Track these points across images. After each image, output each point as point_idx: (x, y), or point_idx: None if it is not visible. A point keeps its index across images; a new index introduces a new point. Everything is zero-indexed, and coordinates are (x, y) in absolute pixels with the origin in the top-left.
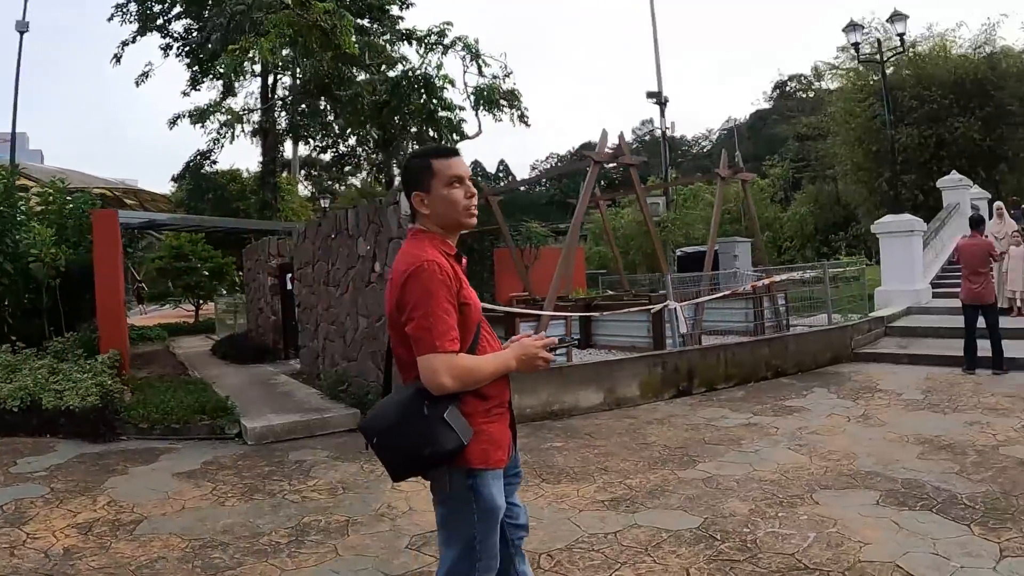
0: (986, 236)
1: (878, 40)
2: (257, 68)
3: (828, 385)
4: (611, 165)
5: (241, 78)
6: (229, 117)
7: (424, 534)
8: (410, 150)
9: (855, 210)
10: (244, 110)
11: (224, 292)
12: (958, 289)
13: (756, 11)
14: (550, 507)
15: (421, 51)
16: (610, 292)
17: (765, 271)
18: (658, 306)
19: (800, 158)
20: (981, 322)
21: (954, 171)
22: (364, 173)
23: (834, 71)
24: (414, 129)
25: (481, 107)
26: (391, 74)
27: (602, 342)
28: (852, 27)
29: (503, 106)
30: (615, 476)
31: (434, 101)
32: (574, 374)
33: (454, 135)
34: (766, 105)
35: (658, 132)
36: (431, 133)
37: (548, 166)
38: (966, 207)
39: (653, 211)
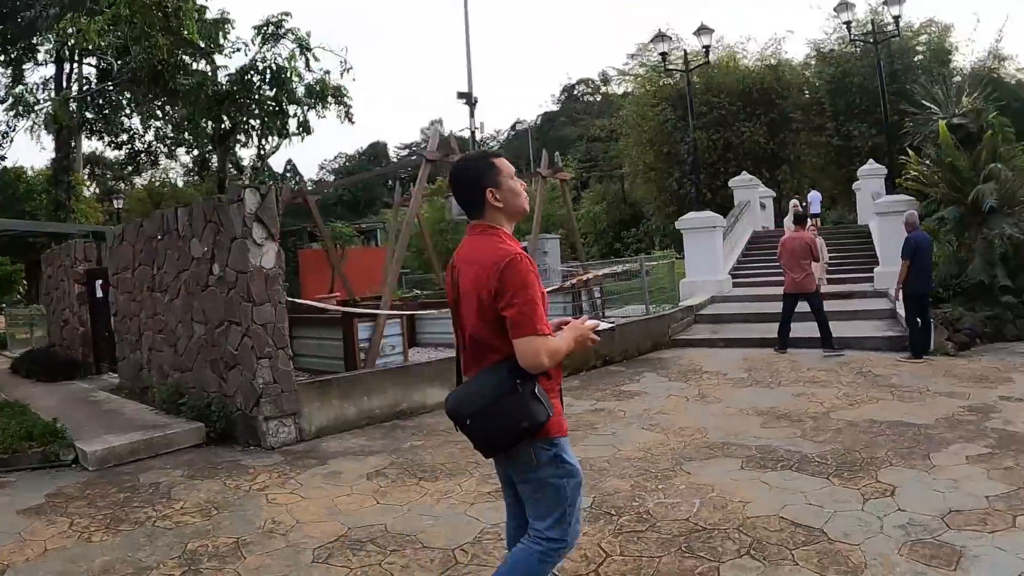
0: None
1: (685, 51)
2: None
3: (656, 370)
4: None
5: (33, 63)
6: (20, 107)
7: (326, 545)
8: (253, 144)
9: (644, 208)
10: (33, 97)
11: (16, 302)
12: (755, 278)
13: (542, 16)
14: (440, 504)
15: (258, 40)
16: (417, 291)
17: (582, 266)
18: None
19: (588, 159)
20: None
21: (744, 172)
22: (150, 172)
23: (623, 76)
24: (255, 123)
25: (314, 102)
26: (230, 65)
27: (427, 340)
28: (660, 38)
29: (329, 102)
30: (490, 469)
31: (285, 94)
32: (421, 372)
33: (301, 131)
34: (554, 107)
35: (467, 133)
36: (273, 127)
37: (337, 165)
38: (756, 204)
39: (458, 212)
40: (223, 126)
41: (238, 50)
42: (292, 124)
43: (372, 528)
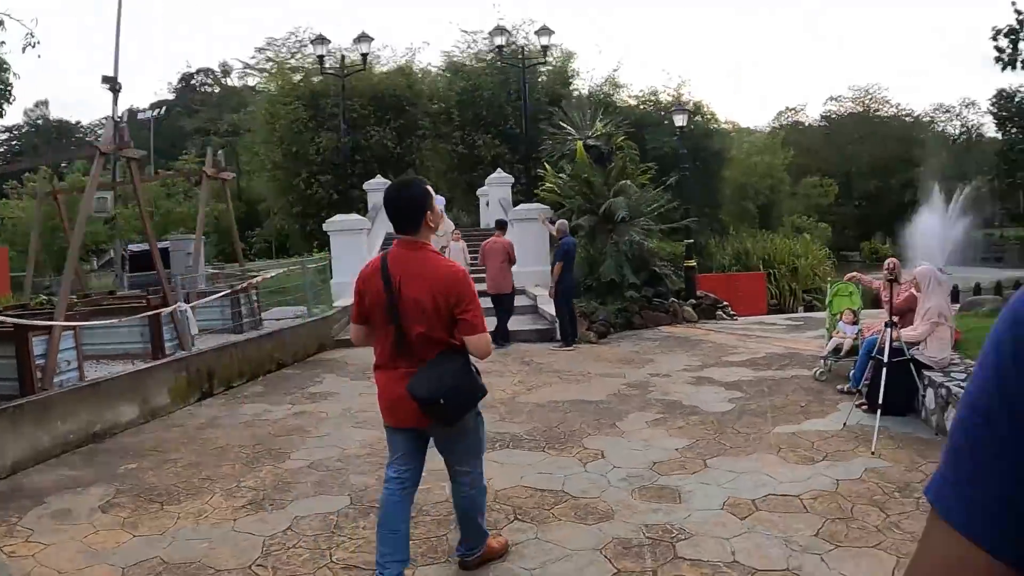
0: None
1: (342, 55)
2: None
3: (334, 371)
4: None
5: None
6: None
7: None
8: None
9: (261, 207)
10: None
11: None
12: None
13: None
14: (202, 525)
15: None
16: (43, 297)
17: (241, 269)
18: (168, 308)
19: (204, 154)
20: None
21: (379, 175)
22: None
23: (250, 70)
24: None
25: None
26: None
27: (93, 352)
28: (321, 41)
29: None
30: (228, 482)
31: None
32: (110, 388)
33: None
34: (170, 96)
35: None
36: None
37: None
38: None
39: (101, 207)
40: None
41: None
42: None
43: (149, 563)
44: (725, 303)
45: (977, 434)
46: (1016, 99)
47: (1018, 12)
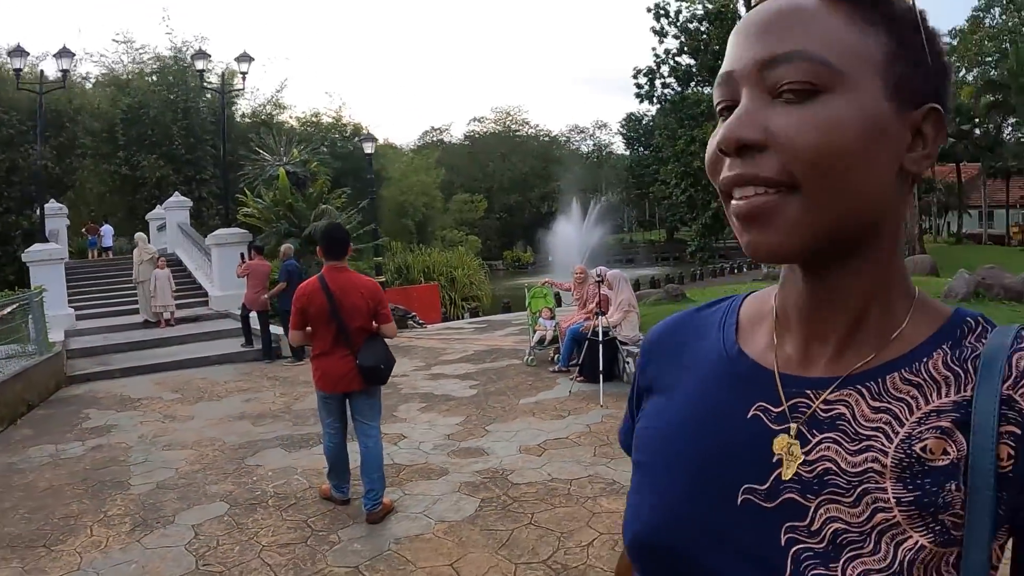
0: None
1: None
2: None
3: (91, 406)
4: None
5: None
6: None
7: None
8: None
9: None
10: None
11: None
12: (91, 311)
13: None
14: (112, 553)
15: None
16: None
17: None
18: None
19: None
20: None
21: (52, 200)
22: None
23: None
24: None
25: None
26: None
27: None
28: (201, 55)
29: None
30: (91, 516)
31: None
32: None
33: None
34: None
35: None
36: None
37: None
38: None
39: None
40: None
41: None
42: None
43: None
44: (413, 313)
45: (629, 397)
46: (643, 122)
47: (656, 56)
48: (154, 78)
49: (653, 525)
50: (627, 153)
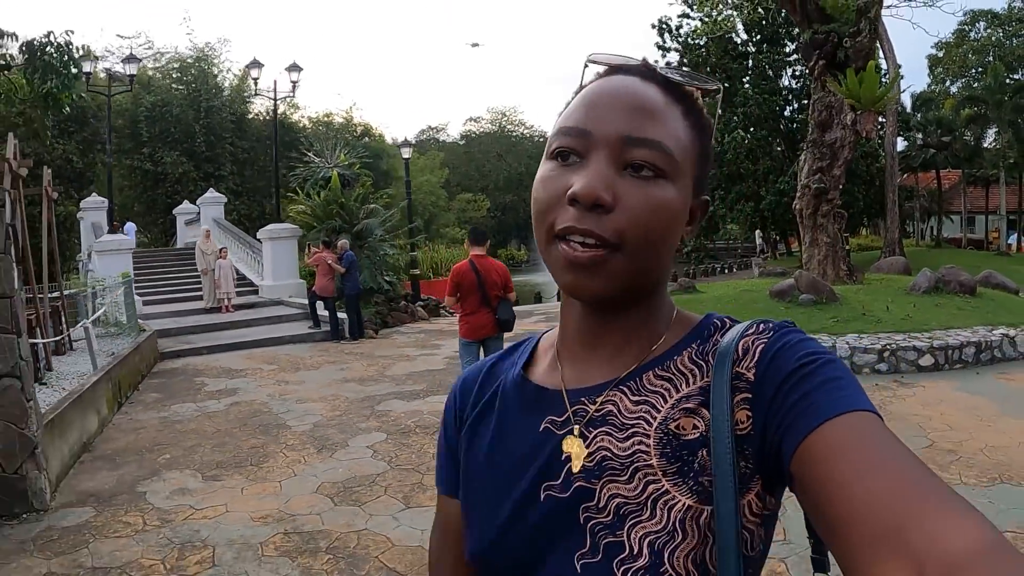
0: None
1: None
2: None
3: (200, 376)
4: None
5: None
6: None
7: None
8: None
9: None
10: None
11: None
12: (154, 297)
13: None
14: (320, 465)
15: None
16: None
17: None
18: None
19: None
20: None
21: (94, 194)
22: None
23: None
24: None
25: None
26: None
27: None
28: (255, 64)
29: None
30: (274, 446)
31: None
32: (84, 398)
33: None
34: None
35: None
36: None
37: None
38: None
39: None
40: None
41: None
42: None
43: (357, 476)
44: (442, 303)
45: (440, 440)
46: None
47: (668, 63)
48: (174, 75)
49: (481, 541)
50: None
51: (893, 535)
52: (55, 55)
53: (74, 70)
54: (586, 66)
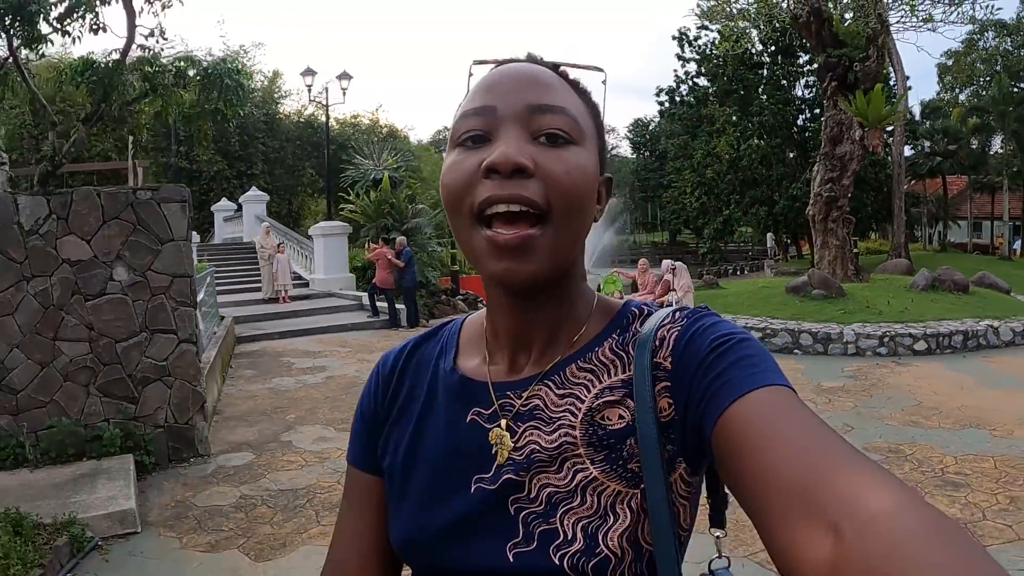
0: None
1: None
2: None
3: (282, 356)
4: None
5: None
6: None
7: None
8: None
9: None
10: None
11: None
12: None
13: None
14: None
15: None
16: None
17: None
18: None
19: None
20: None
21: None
22: None
23: None
24: None
25: None
26: None
27: None
28: (308, 72)
29: None
30: None
31: None
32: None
33: None
34: None
35: None
36: None
37: None
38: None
39: None
40: None
41: None
42: None
43: None
44: (480, 297)
45: (356, 415)
46: (650, 127)
47: (677, 77)
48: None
49: (411, 531)
50: (632, 157)
51: (805, 497)
52: (230, 81)
53: (241, 92)
54: (471, 74)
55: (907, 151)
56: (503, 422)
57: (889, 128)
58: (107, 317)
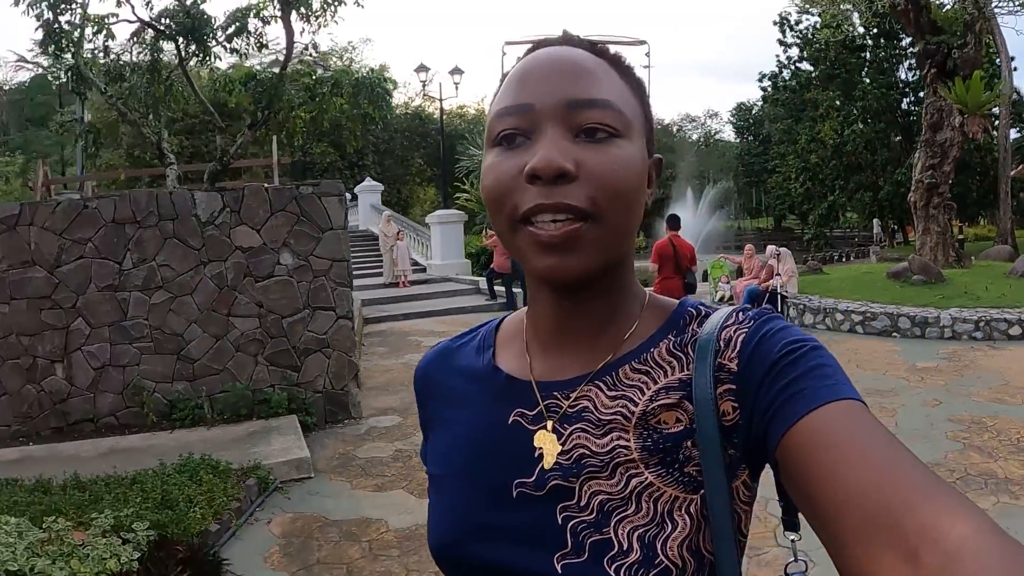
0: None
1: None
2: None
3: (409, 335)
4: None
5: None
6: None
7: None
8: None
9: None
10: None
11: None
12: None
13: None
14: None
15: None
16: None
17: None
18: None
19: None
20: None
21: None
22: None
23: None
24: None
25: None
26: None
27: None
28: (422, 68)
29: None
30: None
31: None
32: None
33: None
34: None
35: None
36: None
37: None
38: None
39: None
40: None
41: None
42: None
43: None
44: None
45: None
46: (753, 111)
47: (779, 62)
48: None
49: (446, 533)
50: (735, 141)
51: (885, 525)
52: (380, 89)
53: (388, 98)
54: (504, 53)
55: (1014, 134)
56: (549, 424)
57: (995, 110)
58: (274, 296)
